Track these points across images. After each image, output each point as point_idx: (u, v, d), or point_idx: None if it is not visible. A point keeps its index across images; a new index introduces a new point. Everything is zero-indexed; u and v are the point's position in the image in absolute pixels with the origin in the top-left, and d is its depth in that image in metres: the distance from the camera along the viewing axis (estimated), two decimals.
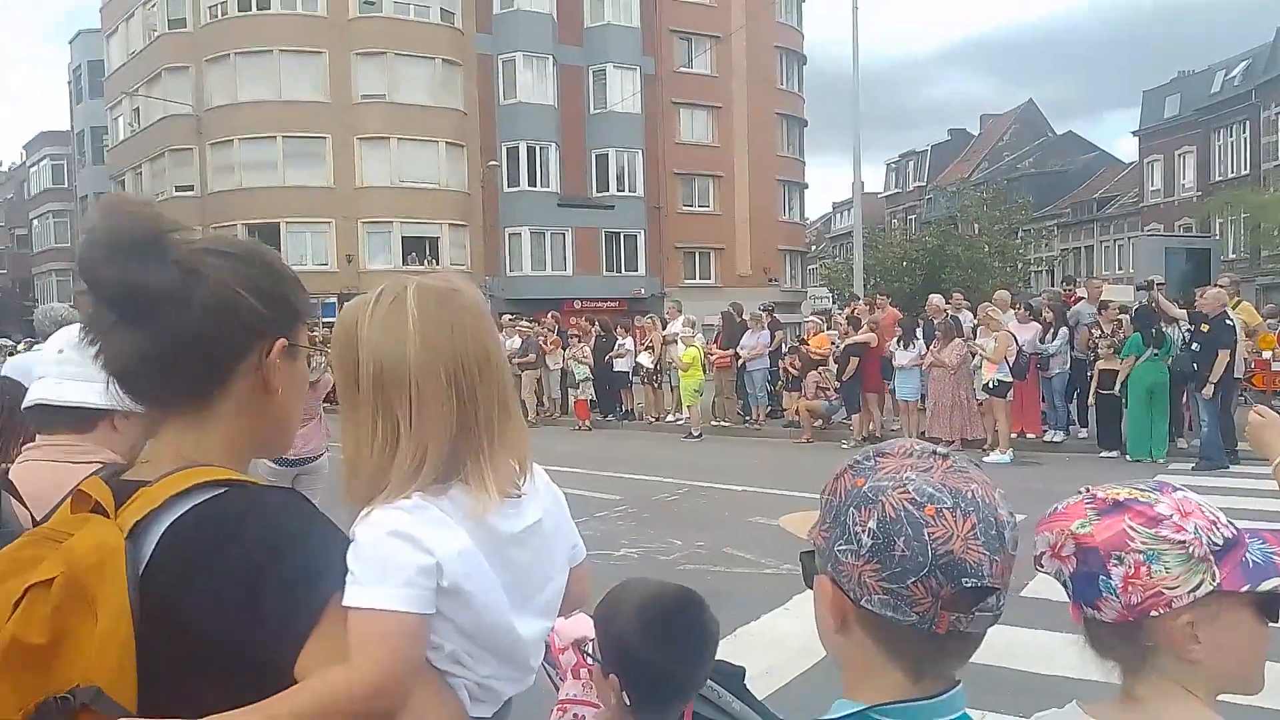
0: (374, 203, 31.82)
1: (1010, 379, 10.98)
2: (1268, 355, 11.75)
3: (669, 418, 15.43)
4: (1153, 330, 10.42)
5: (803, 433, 13.15)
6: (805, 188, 42.70)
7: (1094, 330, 11.31)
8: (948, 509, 0.91)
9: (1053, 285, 25.59)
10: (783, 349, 14.98)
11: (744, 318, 15.03)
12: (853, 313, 14.18)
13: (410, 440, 1.22)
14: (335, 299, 22.46)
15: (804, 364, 13.73)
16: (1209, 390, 9.82)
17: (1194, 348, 10.08)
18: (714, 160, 37.59)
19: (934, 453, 0.97)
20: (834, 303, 28.03)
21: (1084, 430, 11.85)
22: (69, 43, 44.30)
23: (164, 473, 1.12)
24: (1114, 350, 10.79)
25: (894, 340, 12.37)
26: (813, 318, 15.77)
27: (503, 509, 1.26)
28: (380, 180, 31.96)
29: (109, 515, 1.09)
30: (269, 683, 1.05)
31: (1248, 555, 1.04)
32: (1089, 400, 11.37)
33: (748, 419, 14.74)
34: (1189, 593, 1.02)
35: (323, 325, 14.35)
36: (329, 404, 5.63)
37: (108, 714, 1.00)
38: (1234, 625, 1.04)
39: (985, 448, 11.24)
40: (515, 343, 16.01)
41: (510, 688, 1.33)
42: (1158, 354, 10.31)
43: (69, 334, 1.79)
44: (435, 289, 1.27)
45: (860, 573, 0.93)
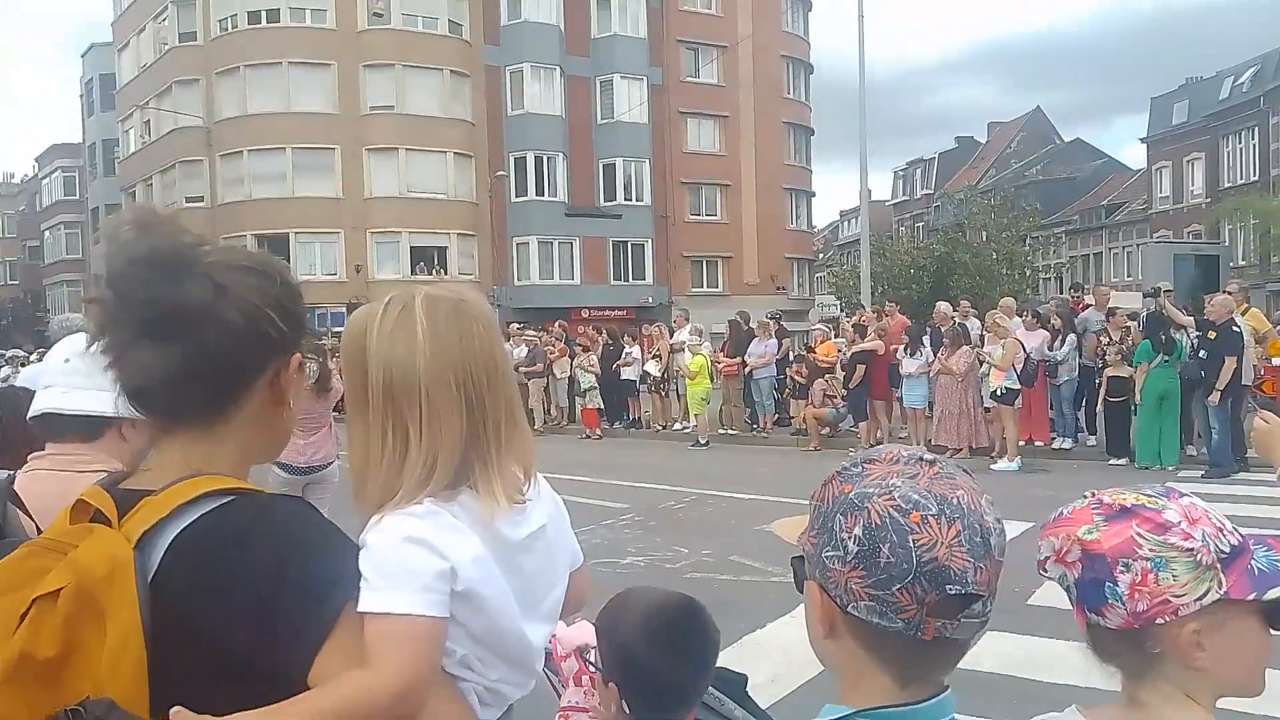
0: (382, 213, 31.96)
1: (1018, 386, 10.93)
2: (1278, 362, 11.67)
3: (676, 426, 15.43)
4: (1162, 337, 10.38)
5: (810, 441, 13.12)
6: (813, 196, 42.75)
7: (1102, 337, 11.26)
8: (933, 515, 0.91)
9: (1061, 292, 25.47)
10: (790, 357, 14.98)
11: (751, 326, 15.03)
12: (859, 320, 14.16)
13: (421, 448, 1.23)
14: (344, 309, 22.56)
15: (811, 372, 13.72)
16: (1215, 397, 9.77)
17: (1201, 355, 10.04)
18: (721, 169, 37.65)
19: (921, 459, 0.97)
20: (841, 311, 27.99)
21: (1092, 438, 11.78)
22: (81, 56, 44.68)
23: (169, 482, 1.11)
24: (1122, 357, 10.74)
25: (901, 348, 12.35)
26: (820, 326, 15.75)
27: (510, 515, 1.28)
28: (389, 191, 32.10)
29: (112, 525, 1.08)
30: (281, 691, 1.05)
31: (1253, 563, 1.03)
32: (1097, 407, 11.31)
33: (755, 427, 14.71)
34: (1195, 601, 1.01)
35: (331, 335, 14.42)
36: (338, 412, 5.65)
37: None
38: (1239, 633, 1.03)
39: (993, 455, 11.19)
40: (522, 352, 16.03)
41: (516, 692, 1.35)
42: (1168, 360, 10.26)
43: (75, 343, 1.78)
44: (443, 299, 1.29)
45: (847, 579, 0.93)
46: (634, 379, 15.93)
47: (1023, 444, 11.32)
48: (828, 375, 13.47)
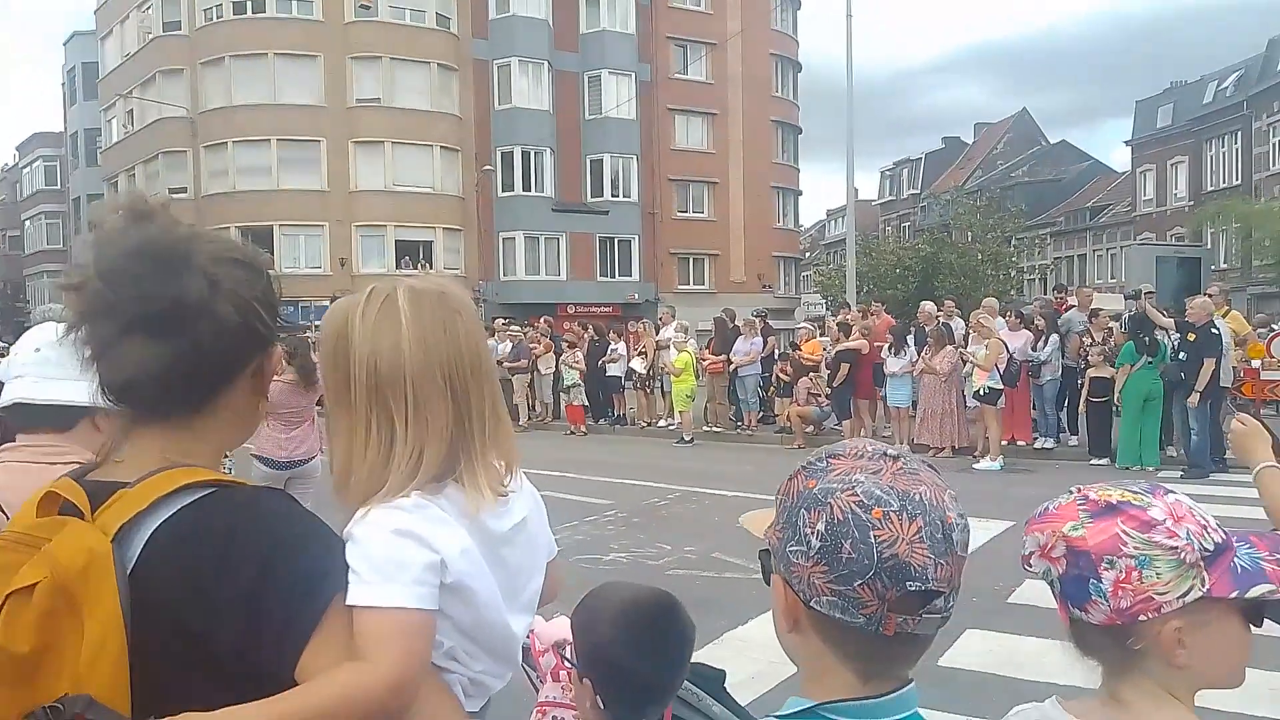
0: (368, 207, 31.81)
1: (1001, 386, 11.01)
2: (1257, 364, 11.80)
3: (661, 423, 15.45)
4: (1144, 339, 10.46)
5: (794, 439, 13.16)
6: (800, 195, 42.88)
7: (1085, 338, 11.35)
8: (894, 511, 0.91)
9: (1045, 293, 25.61)
10: (775, 355, 15.01)
11: (736, 323, 15.05)
12: (844, 319, 14.21)
13: (407, 441, 1.22)
14: (328, 302, 22.42)
15: (796, 370, 13.76)
16: (1194, 399, 9.86)
17: (1181, 356, 10.14)
18: (709, 166, 37.70)
19: (885, 454, 0.98)
20: (827, 309, 28.07)
21: (1074, 438, 11.88)
22: (63, 44, 44.12)
23: (144, 474, 1.09)
24: (1104, 358, 10.83)
25: (886, 347, 12.40)
26: (805, 324, 15.80)
27: (494, 508, 1.28)
28: (375, 184, 31.95)
29: (84, 517, 1.05)
30: (267, 686, 1.04)
31: (1236, 561, 1.04)
32: (1080, 408, 11.39)
33: (739, 425, 14.75)
34: (1179, 598, 1.02)
35: (315, 328, 14.31)
36: (320, 406, 5.61)
37: None
38: (1221, 631, 1.04)
39: (976, 455, 11.26)
40: (506, 347, 16.00)
41: (498, 683, 1.36)
42: (1152, 362, 10.35)
43: (45, 331, 1.75)
44: (426, 291, 1.28)
45: (810, 574, 0.93)
46: (619, 375, 15.94)
47: (1005, 444, 11.39)
48: (812, 374, 13.52)
